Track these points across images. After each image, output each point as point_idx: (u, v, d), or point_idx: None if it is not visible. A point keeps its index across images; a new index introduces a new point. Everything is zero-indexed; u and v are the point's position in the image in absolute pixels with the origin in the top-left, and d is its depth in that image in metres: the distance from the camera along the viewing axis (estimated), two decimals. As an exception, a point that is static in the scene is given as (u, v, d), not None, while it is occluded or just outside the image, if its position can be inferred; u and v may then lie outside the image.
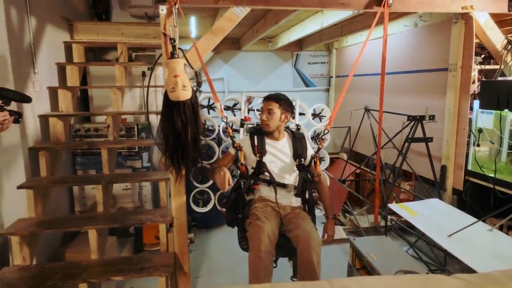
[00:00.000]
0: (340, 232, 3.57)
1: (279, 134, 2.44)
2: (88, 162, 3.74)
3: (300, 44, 5.23)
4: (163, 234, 2.43)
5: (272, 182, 2.31)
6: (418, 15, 3.24)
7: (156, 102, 4.13)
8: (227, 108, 2.95)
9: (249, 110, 3.04)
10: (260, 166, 2.29)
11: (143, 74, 4.07)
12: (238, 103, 2.96)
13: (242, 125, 2.78)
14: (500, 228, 2.40)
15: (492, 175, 2.63)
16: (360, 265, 2.44)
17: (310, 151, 2.47)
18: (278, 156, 2.40)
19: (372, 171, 3.99)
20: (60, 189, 3.29)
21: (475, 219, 2.49)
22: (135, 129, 3.69)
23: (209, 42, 2.34)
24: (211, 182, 2.79)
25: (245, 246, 2.18)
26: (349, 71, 4.90)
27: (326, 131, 2.50)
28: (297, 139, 2.47)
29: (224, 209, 2.47)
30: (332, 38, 4.36)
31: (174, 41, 2.20)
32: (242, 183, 2.32)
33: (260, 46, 5.17)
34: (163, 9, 2.22)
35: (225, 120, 2.42)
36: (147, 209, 2.61)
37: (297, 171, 2.39)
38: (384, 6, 2.42)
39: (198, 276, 3.03)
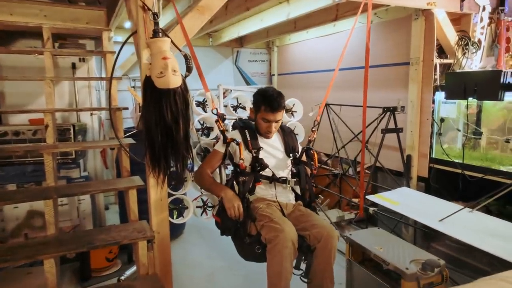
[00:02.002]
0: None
1: None
2: (5, 175, 2.96)
3: (241, 41, 5.05)
4: (143, 254, 1.98)
5: (274, 179, 2.10)
6: (373, 12, 3.35)
7: (90, 99, 3.51)
8: (197, 104, 2.59)
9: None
10: (259, 163, 2.06)
11: (74, 66, 3.41)
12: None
13: (223, 120, 2.47)
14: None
15: (455, 161, 2.84)
16: (358, 259, 2.36)
17: (299, 145, 2.38)
18: (270, 152, 2.22)
19: (331, 167, 4.03)
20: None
21: (450, 203, 2.64)
22: (71, 131, 3.04)
23: (195, 21, 2.00)
24: (188, 188, 2.41)
25: (259, 251, 1.91)
26: (293, 68, 4.94)
27: (316, 122, 2.40)
28: (286, 133, 2.35)
29: (217, 216, 2.14)
30: (280, 34, 4.30)
31: (158, 16, 1.82)
32: (240, 182, 2.05)
33: (199, 41, 4.82)
34: (141, -23, 1.81)
35: (215, 112, 2.11)
36: (115, 225, 2.10)
37: (290, 166, 2.25)
38: (368, -4, 2.40)
39: (174, 298, 2.60)
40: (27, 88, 3.21)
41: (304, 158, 2.29)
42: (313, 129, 2.37)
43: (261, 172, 2.09)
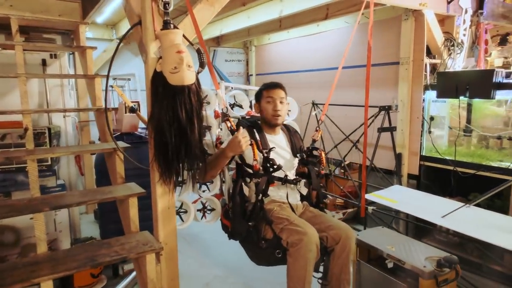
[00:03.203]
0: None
1: (278, 128, 2.18)
2: (-31, 186, 2.59)
3: (217, 39, 4.90)
4: (151, 268, 1.79)
5: (286, 180, 2.02)
6: (361, 12, 3.38)
7: (63, 99, 3.19)
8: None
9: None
10: (271, 163, 1.96)
11: (44, 63, 3.08)
12: (206, 96, 2.48)
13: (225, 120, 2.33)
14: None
15: (447, 158, 2.92)
16: (364, 259, 2.33)
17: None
18: (279, 152, 2.12)
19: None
20: None
21: (445, 199, 2.71)
22: (46, 134, 2.73)
23: (204, 14, 1.85)
24: (188, 192, 2.24)
25: (279, 255, 1.83)
26: (273, 69, 4.88)
27: (320, 121, 2.37)
28: (291, 132, 2.27)
29: (226, 219, 2.03)
30: (263, 33, 4.21)
31: (169, 5, 1.66)
32: (249, 184, 2.00)
33: (174, 39, 4.60)
34: (150, -39, 1.64)
35: (226, 111, 1.98)
36: (115, 238, 1.86)
37: (296, 167, 2.19)
38: (370, -6, 2.39)
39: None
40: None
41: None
42: (318, 128, 2.31)
43: (275, 174, 1.99)
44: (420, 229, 3.12)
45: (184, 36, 1.73)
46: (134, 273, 2.64)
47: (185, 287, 2.68)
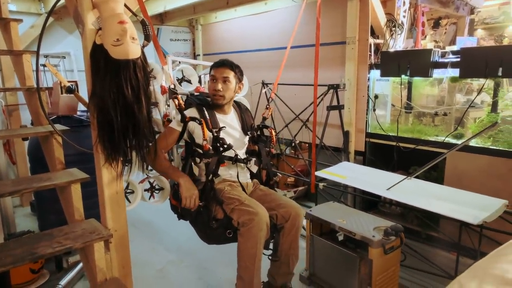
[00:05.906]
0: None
1: (228, 107, 2.13)
2: None
3: (161, 17, 4.65)
4: (100, 257, 1.68)
5: (237, 159, 2.03)
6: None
7: (-14, 81, 2.83)
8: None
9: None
10: (221, 143, 1.93)
11: (-41, 38, 2.69)
12: (152, 69, 2.33)
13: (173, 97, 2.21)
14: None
15: (390, 134, 3.08)
16: (317, 233, 2.40)
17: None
18: (229, 131, 2.10)
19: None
20: None
21: (389, 173, 2.86)
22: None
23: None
24: (134, 173, 2.14)
25: (230, 235, 1.87)
26: (221, 48, 4.75)
27: (271, 99, 2.38)
28: (243, 110, 2.26)
29: (175, 200, 1.99)
30: (210, 11, 4.06)
31: (107, -31, 1.50)
32: (199, 164, 2.01)
33: (114, 15, 4.28)
34: None
35: (173, 88, 1.89)
36: (58, 228, 1.70)
37: (246, 145, 2.20)
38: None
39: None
40: None
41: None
42: (268, 106, 2.31)
43: (225, 153, 1.97)
44: (367, 202, 3.29)
45: (126, 6, 1.59)
46: (80, 265, 2.48)
47: (138, 275, 2.60)
